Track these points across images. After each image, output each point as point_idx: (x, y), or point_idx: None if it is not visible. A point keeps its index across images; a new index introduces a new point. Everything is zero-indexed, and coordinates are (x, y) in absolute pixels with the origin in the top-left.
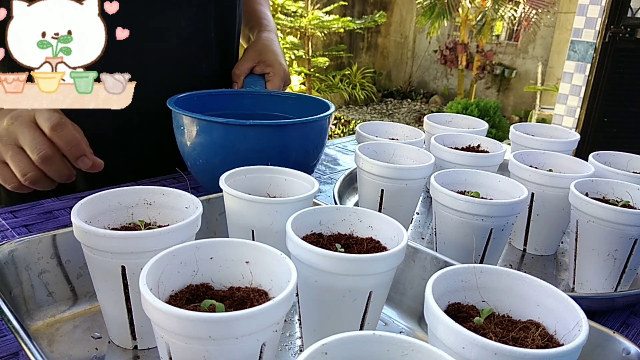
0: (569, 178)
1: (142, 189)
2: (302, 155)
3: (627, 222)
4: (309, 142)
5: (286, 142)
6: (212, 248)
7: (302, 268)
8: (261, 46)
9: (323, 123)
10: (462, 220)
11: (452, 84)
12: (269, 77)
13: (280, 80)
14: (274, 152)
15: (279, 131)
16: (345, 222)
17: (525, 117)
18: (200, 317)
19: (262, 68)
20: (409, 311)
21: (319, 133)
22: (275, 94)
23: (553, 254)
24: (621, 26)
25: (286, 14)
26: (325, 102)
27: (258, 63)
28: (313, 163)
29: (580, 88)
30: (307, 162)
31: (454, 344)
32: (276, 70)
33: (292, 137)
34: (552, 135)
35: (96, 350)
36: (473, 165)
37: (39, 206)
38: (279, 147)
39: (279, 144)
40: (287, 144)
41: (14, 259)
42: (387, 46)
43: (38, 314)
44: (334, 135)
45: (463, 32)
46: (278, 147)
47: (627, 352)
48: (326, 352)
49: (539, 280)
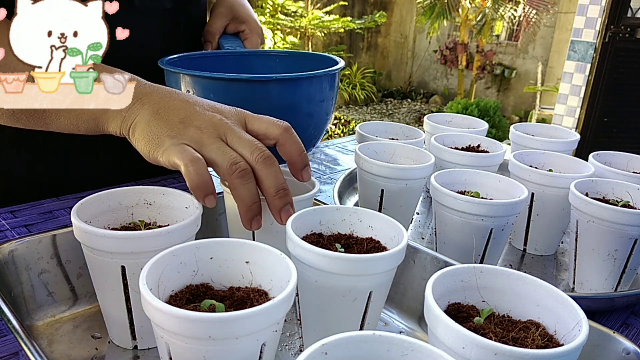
0: (569, 178)
1: (142, 189)
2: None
3: (627, 222)
4: (328, 96)
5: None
6: (212, 248)
7: (302, 268)
8: (231, 0)
9: (334, 75)
10: (462, 220)
11: (452, 84)
12: (246, 34)
13: (257, 37)
14: (299, 106)
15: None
16: (345, 222)
17: (525, 117)
18: (200, 317)
19: (236, 25)
20: (409, 311)
21: (332, 87)
22: (261, 53)
23: (553, 254)
24: (621, 26)
25: (286, 14)
26: (322, 55)
27: (231, 20)
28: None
29: (580, 88)
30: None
31: (454, 344)
32: (252, 26)
33: (316, 91)
34: (552, 135)
35: (96, 350)
36: (473, 165)
37: (39, 206)
38: (303, 101)
39: (305, 99)
40: (312, 98)
41: (14, 259)
42: (387, 46)
43: (38, 314)
44: (334, 135)
45: (463, 32)
46: (302, 102)
47: (627, 352)
48: (326, 352)
49: (539, 280)
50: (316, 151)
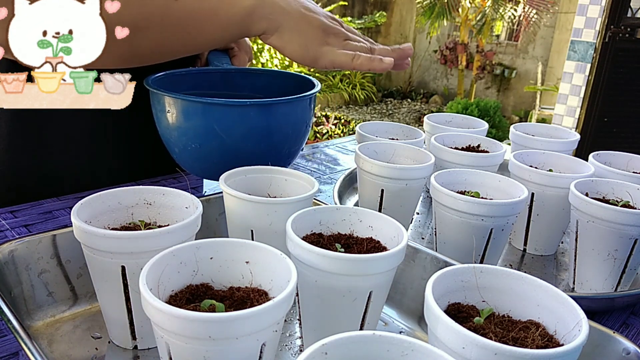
0: (569, 178)
1: (142, 189)
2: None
3: (627, 222)
4: (303, 119)
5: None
6: (212, 248)
7: (302, 268)
8: None
9: (312, 99)
10: (462, 220)
11: (452, 84)
12: (234, 52)
13: (245, 54)
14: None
15: (287, 107)
16: (345, 222)
17: (525, 117)
18: (200, 317)
19: None
20: (409, 311)
21: (308, 109)
22: (246, 70)
23: (553, 254)
24: (621, 26)
25: None
26: (303, 76)
27: None
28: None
29: (580, 88)
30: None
31: (454, 344)
32: (240, 44)
33: (295, 113)
34: (552, 135)
35: (96, 350)
36: (473, 165)
37: (39, 206)
38: (280, 124)
39: (282, 122)
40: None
41: (14, 259)
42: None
43: (38, 314)
44: (334, 135)
45: (463, 32)
46: (279, 125)
47: (627, 352)
48: (326, 352)
49: (539, 280)
50: (316, 151)
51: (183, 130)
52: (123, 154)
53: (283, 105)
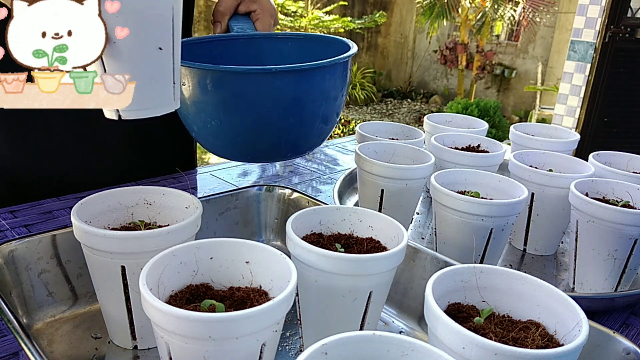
0: (569, 178)
1: (142, 189)
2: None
3: (627, 222)
4: (338, 87)
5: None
6: (212, 248)
7: (302, 268)
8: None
9: (347, 63)
10: (462, 220)
11: (452, 84)
12: (257, 15)
13: (269, 17)
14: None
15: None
16: (345, 222)
17: (525, 117)
18: (200, 317)
19: (247, 5)
20: (409, 311)
21: (343, 76)
22: (272, 36)
23: (553, 254)
24: (621, 26)
25: (286, 14)
26: (335, 38)
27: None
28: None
29: (580, 88)
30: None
31: (454, 344)
32: (264, 6)
33: (328, 81)
34: (552, 135)
35: (96, 350)
36: (473, 165)
37: (39, 206)
38: (311, 95)
39: (314, 91)
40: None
41: (14, 259)
42: (387, 46)
43: (38, 314)
44: (334, 135)
45: (463, 32)
46: (310, 95)
47: (627, 352)
48: (326, 352)
49: (539, 280)
50: (316, 151)
51: (201, 105)
52: (123, 154)
53: (314, 71)
